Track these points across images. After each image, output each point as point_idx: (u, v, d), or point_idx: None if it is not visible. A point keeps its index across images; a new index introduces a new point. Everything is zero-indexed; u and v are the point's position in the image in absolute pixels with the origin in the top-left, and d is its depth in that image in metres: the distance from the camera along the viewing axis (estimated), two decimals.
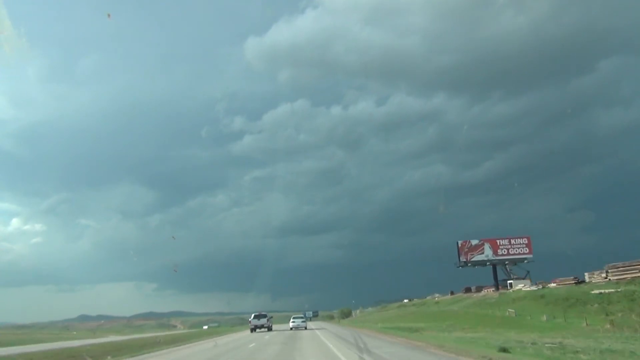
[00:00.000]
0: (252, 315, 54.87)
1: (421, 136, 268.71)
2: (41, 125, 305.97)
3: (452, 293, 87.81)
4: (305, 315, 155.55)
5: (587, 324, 38.22)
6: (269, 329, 53.79)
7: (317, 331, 49.18)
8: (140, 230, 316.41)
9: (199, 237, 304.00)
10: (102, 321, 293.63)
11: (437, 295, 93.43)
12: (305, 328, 55.30)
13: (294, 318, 57.74)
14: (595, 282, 57.57)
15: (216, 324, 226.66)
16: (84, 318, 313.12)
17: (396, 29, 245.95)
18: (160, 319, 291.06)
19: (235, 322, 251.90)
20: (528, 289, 66.49)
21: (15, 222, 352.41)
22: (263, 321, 52.82)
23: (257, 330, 53.25)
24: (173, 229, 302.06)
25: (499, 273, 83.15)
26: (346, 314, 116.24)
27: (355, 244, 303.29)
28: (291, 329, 54.26)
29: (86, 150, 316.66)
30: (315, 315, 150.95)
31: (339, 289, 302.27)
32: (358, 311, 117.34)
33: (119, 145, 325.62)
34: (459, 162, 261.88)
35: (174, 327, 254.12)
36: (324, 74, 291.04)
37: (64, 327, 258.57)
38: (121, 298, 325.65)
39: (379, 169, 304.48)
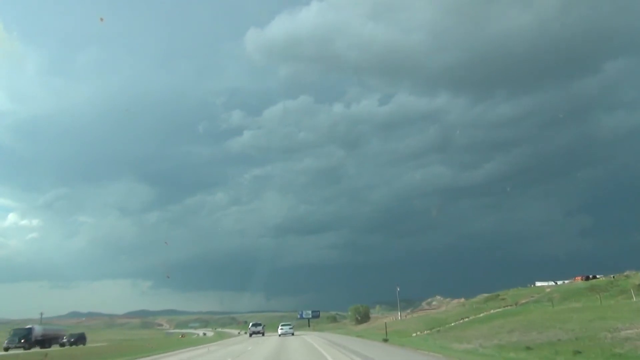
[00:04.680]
0: (251, 324, 67.50)
1: (422, 136, 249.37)
2: (39, 119, 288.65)
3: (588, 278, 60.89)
4: (302, 315, 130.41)
5: None
6: (263, 334, 62.54)
7: None
8: (137, 227, 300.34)
9: (195, 235, 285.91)
10: (84, 318, 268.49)
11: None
12: (292, 334, 56.79)
13: (282, 325, 60.47)
14: None
15: (197, 324, 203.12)
16: (74, 315, 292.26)
17: (400, 24, 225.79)
18: (146, 318, 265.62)
19: (226, 321, 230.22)
20: None
21: (11, 217, 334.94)
22: (259, 328, 63.17)
23: (254, 335, 61.39)
24: (170, 226, 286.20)
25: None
26: (363, 316, 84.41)
27: (353, 244, 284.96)
28: (279, 335, 55.65)
29: (84, 145, 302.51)
30: (316, 316, 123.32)
31: (337, 289, 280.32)
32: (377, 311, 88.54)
33: (118, 141, 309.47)
34: (459, 163, 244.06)
35: (160, 326, 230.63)
36: (326, 70, 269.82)
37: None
38: (116, 295, 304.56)
39: (378, 169, 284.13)
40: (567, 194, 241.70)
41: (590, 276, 61.99)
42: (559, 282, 65.83)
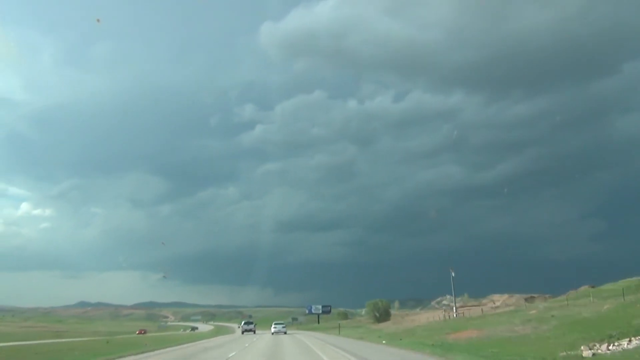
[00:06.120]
0: (243, 322, 72.39)
1: (435, 135, 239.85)
2: (54, 109, 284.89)
3: None
4: (311, 309, 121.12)
5: None
6: (254, 332, 63.50)
7: None
8: (149, 219, 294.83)
9: (206, 229, 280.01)
10: (89, 308, 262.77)
11: None
12: (285, 333, 55.06)
13: (275, 324, 59.54)
14: None
15: (199, 317, 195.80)
16: (83, 305, 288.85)
17: (416, 20, 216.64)
18: (152, 310, 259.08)
19: (232, 315, 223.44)
20: None
21: (24, 207, 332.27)
22: (251, 326, 65.67)
23: (245, 333, 61.94)
24: (181, 219, 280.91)
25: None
26: (382, 313, 71.21)
27: (363, 242, 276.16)
28: (272, 334, 54.26)
29: (98, 136, 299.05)
30: (327, 312, 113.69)
31: (345, 286, 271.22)
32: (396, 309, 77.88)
33: (132, 133, 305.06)
34: (472, 163, 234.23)
35: (165, 318, 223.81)
36: (341, 65, 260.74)
37: (45, 313, 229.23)
38: (125, 286, 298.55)
39: (390, 167, 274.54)
40: (580, 196, 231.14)
41: None
42: None
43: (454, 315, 53.04)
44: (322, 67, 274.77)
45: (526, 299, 54.48)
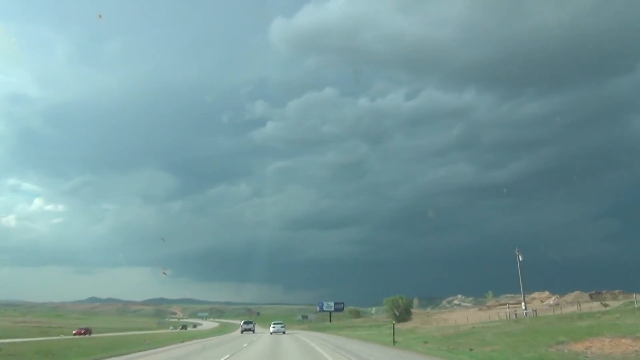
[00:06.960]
0: (242, 322, 71.85)
1: (447, 133, 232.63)
2: (67, 106, 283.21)
3: None
4: (322, 306, 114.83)
5: None
6: (253, 331, 63.61)
7: None
8: (159, 215, 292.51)
9: (216, 226, 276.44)
10: (98, 304, 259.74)
11: None
12: (284, 333, 53.54)
13: (274, 324, 58.96)
14: None
15: (207, 314, 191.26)
16: (93, 300, 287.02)
17: (428, 17, 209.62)
18: (161, 306, 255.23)
19: (241, 312, 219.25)
20: None
21: (37, 202, 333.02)
22: (250, 326, 65.79)
23: (245, 332, 61.35)
24: (192, 216, 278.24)
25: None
26: (403, 311, 64.41)
27: (373, 241, 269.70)
28: (271, 333, 53.20)
29: (111, 133, 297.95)
30: (339, 309, 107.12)
31: (355, 284, 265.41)
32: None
33: (143, 130, 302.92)
34: (484, 162, 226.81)
35: (173, 314, 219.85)
36: (352, 62, 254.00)
37: (54, 308, 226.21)
38: (135, 283, 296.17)
39: (401, 165, 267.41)
40: (592, 196, 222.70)
41: None
42: None
43: (524, 313, 42.47)
44: (333, 64, 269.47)
45: (591, 295, 47.04)
